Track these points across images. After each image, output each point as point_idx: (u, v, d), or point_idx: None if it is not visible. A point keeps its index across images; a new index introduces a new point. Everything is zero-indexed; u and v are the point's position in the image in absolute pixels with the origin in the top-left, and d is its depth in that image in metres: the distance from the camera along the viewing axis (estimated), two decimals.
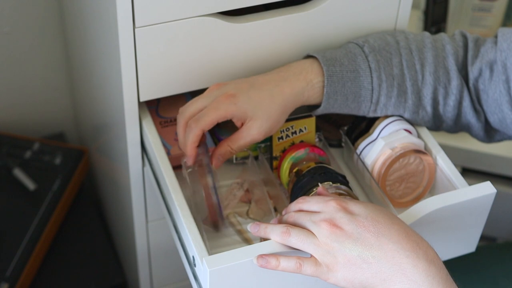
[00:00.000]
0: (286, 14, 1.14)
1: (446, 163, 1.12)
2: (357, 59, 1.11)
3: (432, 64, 1.11)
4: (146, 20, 1.06)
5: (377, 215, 0.94)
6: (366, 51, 1.11)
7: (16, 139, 1.62)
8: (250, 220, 1.12)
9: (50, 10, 1.59)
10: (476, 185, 1.05)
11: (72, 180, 1.56)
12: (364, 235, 0.93)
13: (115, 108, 1.20)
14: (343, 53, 1.12)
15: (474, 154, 1.65)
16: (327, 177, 1.07)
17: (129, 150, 1.19)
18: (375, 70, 1.10)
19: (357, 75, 1.10)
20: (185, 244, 1.05)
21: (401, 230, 0.93)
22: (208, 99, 1.08)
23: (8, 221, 1.48)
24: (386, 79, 1.10)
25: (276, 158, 1.16)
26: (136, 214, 1.28)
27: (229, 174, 1.19)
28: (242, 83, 1.09)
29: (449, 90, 1.11)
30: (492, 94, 1.10)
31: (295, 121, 1.15)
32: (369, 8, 1.18)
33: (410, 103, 1.12)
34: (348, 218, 0.94)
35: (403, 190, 1.14)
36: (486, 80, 1.10)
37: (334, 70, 1.09)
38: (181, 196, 1.06)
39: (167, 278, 1.43)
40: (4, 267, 1.41)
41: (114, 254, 1.55)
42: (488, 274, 1.26)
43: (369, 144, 1.14)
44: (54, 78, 1.70)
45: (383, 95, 1.11)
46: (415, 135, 1.15)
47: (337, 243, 0.93)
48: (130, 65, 1.09)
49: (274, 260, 0.95)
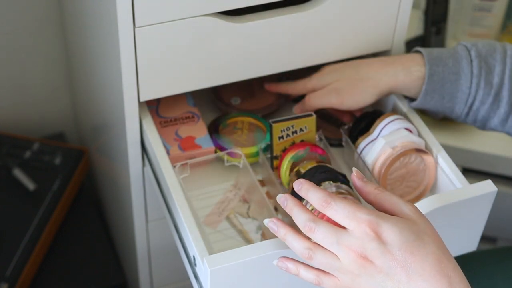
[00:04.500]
0: (286, 14, 1.14)
1: (447, 162, 1.12)
2: (462, 62, 1.13)
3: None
4: (146, 20, 1.06)
5: (412, 246, 0.88)
6: (472, 55, 1.13)
7: (16, 139, 1.62)
8: (250, 219, 1.12)
9: (50, 10, 1.59)
10: (477, 184, 1.05)
11: (72, 180, 1.56)
12: (395, 271, 0.87)
13: (115, 108, 1.20)
14: (450, 53, 1.14)
15: (474, 154, 1.65)
16: (327, 176, 1.07)
17: (129, 150, 1.19)
18: (476, 76, 1.12)
19: (458, 78, 1.12)
20: (185, 243, 1.05)
21: (435, 262, 0.88)
22: (321, 81, 1.19)
23: (8, 221, 1.48)
24: (484, 86, 1.12)
25: (277, 157, 1.16)
26: (136, 214, 1.28)
27: (222, 177, 1.18)
28: (347, 69, 1.18)
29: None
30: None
31: (295, 120, 1.14)
32: (369, 8, 1.18)
33: (502, 111, 1.13)
34: (381, 251, 0.87)
35: (404, 189, 1.14)
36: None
37: (437, 70, 1.12)
38: (182, 196, 1.06)
39: (167, 278, 1.43)
40: (4, 267, 1.41)
41: (114, 254, 1.55)
42: (486, 279, 1.26)
43: (369, 143, 1.14)
44: (54, 78, 1.70)
45: (478, 100, 1.13)
46: (416, 134, 1.15)
47: (366, 276, 0.88)
48: (130, 65, 1.09)
49: (293, 268, 0.93)
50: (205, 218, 1.12)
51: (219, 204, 1.14)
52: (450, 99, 1.14)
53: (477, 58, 1.12)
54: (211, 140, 1.21)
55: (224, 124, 1.24)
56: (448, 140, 1.64)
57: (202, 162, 1.18)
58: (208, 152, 1.19)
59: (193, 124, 1.23)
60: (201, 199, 1.15)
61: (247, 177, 1.16)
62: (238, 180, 1.18)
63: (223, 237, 1.10)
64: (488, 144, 1.66)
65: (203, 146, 1.19)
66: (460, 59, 1.13)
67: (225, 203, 1.15)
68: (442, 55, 1.14)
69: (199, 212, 1.12)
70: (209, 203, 1.14)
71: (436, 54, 1.14)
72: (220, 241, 1.10)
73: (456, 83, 1.12)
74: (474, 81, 1.12)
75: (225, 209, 1.14)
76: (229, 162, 1.18)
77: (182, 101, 1.26)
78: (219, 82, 1.18)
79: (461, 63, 1.13)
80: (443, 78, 1.12)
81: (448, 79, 1.12)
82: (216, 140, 1.21)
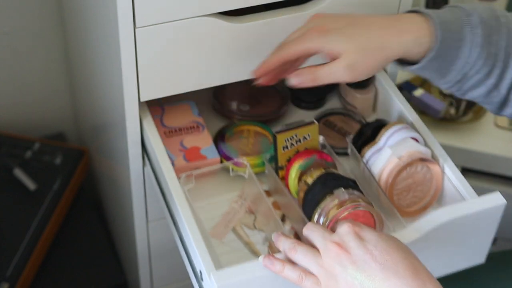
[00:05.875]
0: (286, 14, 1.14)
1: (454, 171, 1.11)
2: (465, 28, 1.05)
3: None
4: (147, 20, 1.06)
5: (388, 246, 0.91)
6: (474, 22, 1.06)
7: (16, 139, 1.62)
8: (257, 231, 1.11)
9: (50, 10, 1.59)
10: (486, 196, 1.04)
11: (72, 180, 1.56)
12: (370, 264, 0.90)
13: (116, 108, 1.20)
14: (452, 18, 1.06)
15: (474, 154, 1.65)
16: (339, 183, 1.05)
17: (129, 150, 1.19)
18: (477, 45, 1.05)
19: (461, 45, 1.05)
20: (191, 257, 1.03)
21: (410, 266, 0.89)
22: (302, 30, 1.05)
23: (8, 221, 1.48)
24: (483, 57, 1.05)
25: (282, 167, 1.14)
26: (137, 214, 1.28)
27: (228, 187, 1.17)
28: (341, 19, 1.04)
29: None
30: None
31: (298, 129, 1.13)
32: (368, 9, 1.18)
33: (491, 82, 1.07)
34: (356, 243, 0.91)
35: (410, 199, 1.12)
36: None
37: (446, 36, 1.04)
38: (188, 209, 1.04)
39: (167, 278, 1.43)
40: (4, 267, 1.41)
41: (114, 254, 1.55)
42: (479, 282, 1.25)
43: (375, 152, 1.12)
44: (54, 78, 1.70)
45: (474, 70, 1.06)
46: (422, 143, 1.13)
47: (340, 267, 0.91)
48: (130, 65, 1.09)
49: (279, 265, 0.94)
50: (211, 230, 1.10)
51: (225, 215, 1.13)
52: (447, 66, 1.07)
53: (479, 25, 1.05)
54: (216, 150, 1.20)
55: (231, 133, 1.23)
56: (448, 140, 1.64)
57: (207, 172, 1.16)
58: (214, 163, 1.18)
59: (198, 134, 1.21)
60: (207, 210, 1.13)
61: (253, 187, 1.15)
62: (244, 191, 1.16)
63: (230, 249, 1.09)
64: (488, 144, 1.66)
65: (209, 156, 1.18)
66: (462, 25, 1.06)
67: (231, 214, 1.13)
68: (447, 19, 1.06)
69: (205, 223, 1.10)
70: (215, 214, 1.13)
71: (443, 18, 1.06)
72: (227, 253, 1.08)
73: (457, 50, 1.06)
74: (476, 51, 1.05)
75: (231, 220, 1.12)
76: (235, 172, 1.17)
77: (187, 111, 1.24)
78: (219, 82, 1.18)
79: (463, 30, 1.06)
80: (448, 44, 1.05)
81: (451, 46, 1.06)
82: (222, 148, 1.20)
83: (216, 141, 1.21)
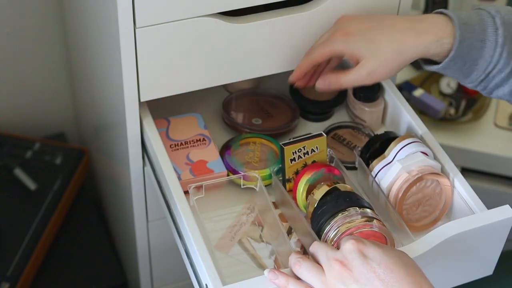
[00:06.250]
0: (286, 14, 1.14)
1: (464, 185, 1.10)
2: (488, 29, 1.09)
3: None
4: (147, 21, 1.06)
5: (392, 263, 0.90)
6: (497, 23, 1.09)
7: (16, 139, 1.62)
8: (264, 244, 1.10)
9: (50, 11, 1.59)
10: (494, 209, 1.03)
11: (72, 180, 1.57)
12: (373, 283, 0.89)
13: (116, 108, 1.21)
14: (476, 20, 1.10)
15: (474, 154, 1.65)
16: (352, 202, 1.04)
17: (129, 150, 1.19)
18: (500, 46, 1.08)
19: (484, 46, 1.09)
20: (197, 271, 1.02)
21: (414, 283, 0.89)
22: (329, 32, 1.13)
23: (9, 221, 1.48)
24: (506, 56, 1.09)
25: (289, 180, 1.13)
26: (137, 214, 1.28)
27: (238, 199, 1.15)
28: (365, 21, 1.11)
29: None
30: None
31: (306, 141, 1.12)
32: (368, 9, 1.18)
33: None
34: (360, 261, 0.91)
35: (420, 214, 1.11)
36: None
37: (467, 36, 1.08)
38: (193, 222, 1.03)
39: (168, 278, 1.43)
40: (5, 267, 1.41)
41: (114, 254, 1.56)
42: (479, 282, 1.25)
43: (384, 166, 1.11)
44: (54, 78, 1.70)
45: (497, 69, 1.09)
46: (432, 157, 1.12)
47: (343, 285, 0.91)
48: (130, 65, 1.09)
49: (284, 279, 0.95)
50: (217, 242, 1.09)
51: (230, 227, 1.11)
52: (470, 66, 1.10)
53: (502, 26, 1.08)
54: (223, 163, 1.18)
55: (236, 146, 1.21)
56: (448, 140, 1.64)
57: (216, 184, 1.15)
58: (221, 176, 1.16)
59: (204, 147, 1.19)
60: (214, 221, 1.12)
61: (261, 199, 1.14)
62: (252, 203, 1.15)
63: (236, 262, 1.07)
64: (488, 144, 1.66)
65: (215, 170, 1.16)
66: (485, 26, 1.09)
67: (237, 227, 1.12)
68: (470, 20, 1.09)
69: (211, 235, 1.09)
70: (222, 226, 1.11)
71: (464, 19, 1.09)
72: (232, 266, 1.07)
73: (480, 50, 1.09)
74: (498, 50, 1.08)
75: (238, 233, 1.11)
76: (245, 185, 1.15)
77: (193, 124, 1.23)
78: (219, 82, 1.18)
79: (486, 31, 1.09)
80: (470, 45, 1.08)
81: (474, 46, 1.09)
82: (228, 162, 1.17)
83: (222, 154, 1.19)
